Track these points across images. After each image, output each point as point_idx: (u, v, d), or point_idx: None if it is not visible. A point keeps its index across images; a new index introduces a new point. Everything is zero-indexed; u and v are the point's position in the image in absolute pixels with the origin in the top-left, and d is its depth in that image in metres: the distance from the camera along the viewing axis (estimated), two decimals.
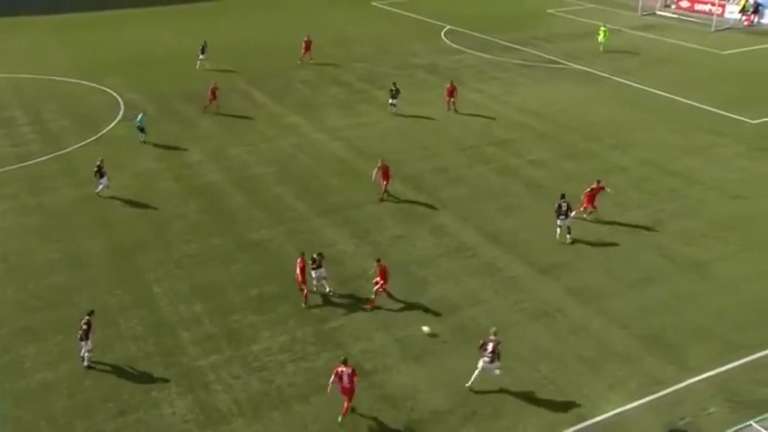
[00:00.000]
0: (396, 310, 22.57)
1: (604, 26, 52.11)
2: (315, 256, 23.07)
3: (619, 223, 27.62)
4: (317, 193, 30.36)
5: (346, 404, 18.30)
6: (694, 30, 57.77)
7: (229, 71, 46.44)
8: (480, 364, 19.11)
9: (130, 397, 19.22)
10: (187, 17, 62.95)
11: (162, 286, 23.92)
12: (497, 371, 19.11)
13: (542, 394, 19.11)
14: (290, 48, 49.66)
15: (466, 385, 19.30)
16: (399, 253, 25.62)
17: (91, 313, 20.37)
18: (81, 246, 26.36)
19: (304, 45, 48.11)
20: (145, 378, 19.84)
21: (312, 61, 47.77)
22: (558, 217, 25.95)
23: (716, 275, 24.29)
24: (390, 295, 22.96)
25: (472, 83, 44.24)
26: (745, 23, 59.74)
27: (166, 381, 19.73)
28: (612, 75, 45.62)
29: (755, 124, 37.40)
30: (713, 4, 61.07)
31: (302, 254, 23.05)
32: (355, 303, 22.88)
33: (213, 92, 38.81)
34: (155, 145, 34.94)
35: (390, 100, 39.00)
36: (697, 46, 52.76)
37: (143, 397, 19.19)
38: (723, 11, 61.01)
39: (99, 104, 40.93)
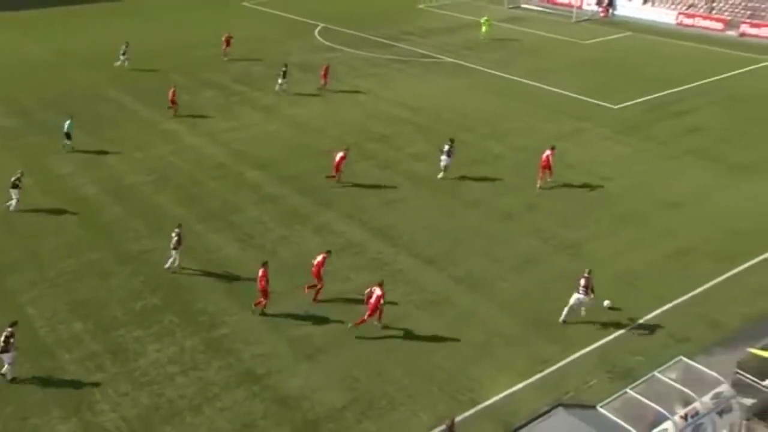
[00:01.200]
0: (286, 312, 22.35)
1: (486, 17, 54.56)
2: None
3: (497, 210, 28.48)
4: (198, 199, 29.63)
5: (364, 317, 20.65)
6: (556, 21, 60.33)
7: (97, 78, 44.55)
8: (572, 299, 21.15)
9: (3, 427, 18.05)
10: (40, 23, 59.68)
11: (37, 307, 22.64)
12: (605, 302, 21.64)
13: (435, 383, 19.44)
14: (164, 52, 48.12)
15: (560, 319, 21.26)
16: (285, 254, 25.39)
17: (13, 324, 19.59)
18: None
19: (224, 41, 48.27)
20: (21, 405, 18.71)
21: (226, 59, 47.70)
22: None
23: (590, 253, 25.48)
24: (315, 299, 22.66)
25: (348, 80, 44.40)
26: (602, 15, 62.97)
27: (46, 406, 18.70)
28: (483, 67, 46.93)
29: (617, 109, 39.48)
30: None
31: (264, 264, 22.13)
32: (245, 307, 22.50)
33: (173, 95, 38.41)
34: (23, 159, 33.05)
35: (279, 80, 41.08)
36: (561, 37, 55.14)
37: (19, 426, 18.07)
38: (582, 3, 64.06)
39: None
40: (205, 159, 33.46)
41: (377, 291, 20.98)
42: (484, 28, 54.18)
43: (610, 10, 63.13)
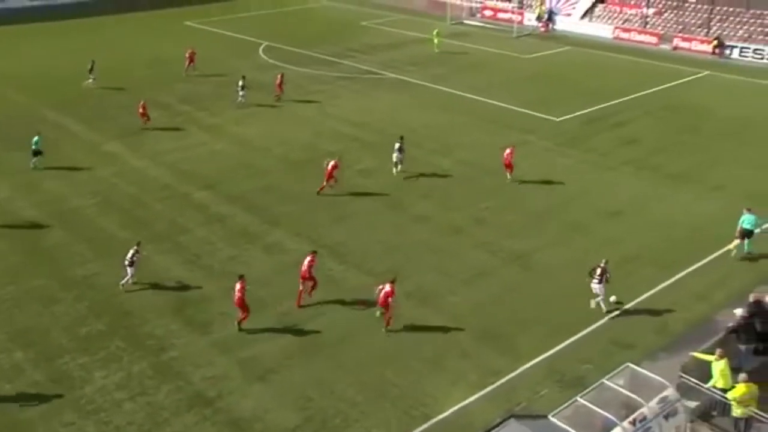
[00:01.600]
0: (236, 332, 22.09)
1: (437, 31, 56.24)
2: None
3: (446, 224, 28.71)
4: (143, 221, 29.12)
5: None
6: (498, 37, 61.37)
7: (35, 99, 43.56)
8: (594, 287, 22.63)
9: None
10: None
11: None
12: (612, 298, 22.81)
13: (388, 399, 19.42)
14: (105, 72, 47.26)
15: (594, 305, 22.70)
16: (234, 275, 25.08)
17: None
18: None
19: (188, 57, 48.44)
20: None
21: (195, 73, 47.41)
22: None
23: (537, 264, 25.87)
24: (310, 293, 22.46)
25: (294, 97, 44.34)
26: (542, 30, 64.32)
27: None
28: (427, 82, 47.40)
29: (559, 121, 40.29)
30: (513, 13, 65.48)
31: (241, 277, 22.38)
32: (193, 329, 22.15)
33: (144, 109, 38.85)
34: None
35: (240, 92, 42.27)
36: (503, 52, 56.10)
37: None
38: (522, 19, 65.41)
39: None
40: (150, 180, 32.94)
41: (386, 288, 21.85)
42: (436, 41, 55.76)
43: (550, 25, 64.55)
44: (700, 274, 25.23)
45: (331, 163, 31.03)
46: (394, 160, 32.81)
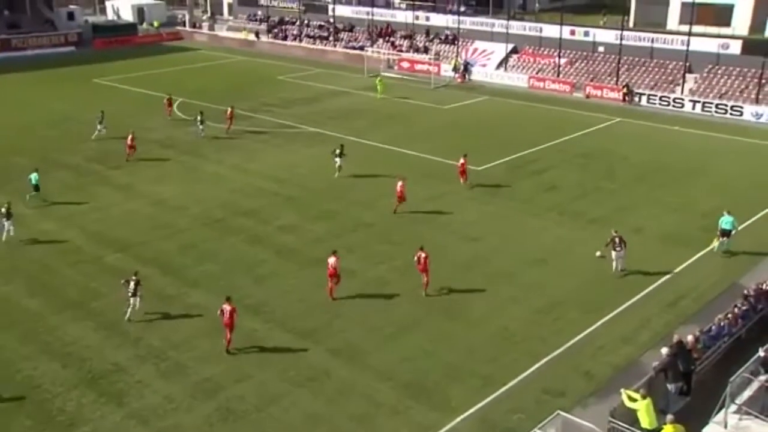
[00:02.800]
0: (155, 402, 21.34)
1: (380, 77, 58.49)
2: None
3: (372, 278, 28.74)
4: (53, 288, 28.06)
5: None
6: (416, 88, 62.78)
7: None
8: (613, 256, 28.39)
9: None
10: None
11: None
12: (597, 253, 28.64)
13: None
14: (6, 131, 45.90)
15: (612, 272, 27.86)
16: (153, 339, 24.39)
17: None
18: None
19: (166, 103, 51.60)
20: None
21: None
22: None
23: (464, 314, 26.10)
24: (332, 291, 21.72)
25: (211, 154, 44.05)
26: (459, 80, 66.23)
27: None
28: (346, 135, 47.88)
29: (480, 170, 41.21)
30: (430, 65, 67.33)
31: (227, 298, 23.86)
32: (108, 401, 21.29)
33: (131, 141, 42.42)
34: None
35: (200, 126, 46.81)
36: (421, 103, 57.39)
37: None
38: (439, 70, 67.26)
39: None
40: (59, 244, 31.87)
41: (422, 254, 26.59)
42: (379, 87, 57.98)
43: (467, 76, 66.53)
44: (623, 317, 25.95)
45: (399, 183, 34.49)
46: (336, 165, 38.07)
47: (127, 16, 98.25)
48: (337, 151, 39.24)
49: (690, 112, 54.67)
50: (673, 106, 55.92)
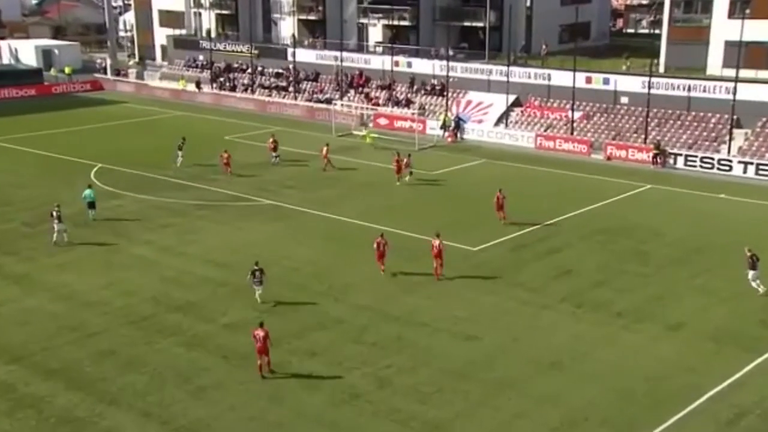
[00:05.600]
0: None
1: (368, 131, 64.98)
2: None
3: (342, 390, 28.49)
4: None
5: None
6: (397, 150, 63.42)
7: None
8: (750, 276, 35.00)
9: None
10: None
11: None
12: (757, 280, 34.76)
13: None
14: None
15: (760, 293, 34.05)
16: None
17: None
18: None
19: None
20: None
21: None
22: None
23: None
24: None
25: (139, 234, 44.09)
26: (449, 140, 67.27)
27: None
28: (309, 208, 48.24)
29: (476, 251, 41.52)
30: (414, 121, 68.23)
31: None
32: None
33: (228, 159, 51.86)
34: None
35: (178, 152, 53.11)
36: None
37: None
38: (424, 128, 68.27)
39: None
40: None
41: (436, 242, 35.38)
42: (368, 141, 64.98)
43: (459, 134, 67.53)
44: None
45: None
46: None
47: (30, 60, 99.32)
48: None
49: (740, 176, 55.69)
50: (718, 168, 56.82)
